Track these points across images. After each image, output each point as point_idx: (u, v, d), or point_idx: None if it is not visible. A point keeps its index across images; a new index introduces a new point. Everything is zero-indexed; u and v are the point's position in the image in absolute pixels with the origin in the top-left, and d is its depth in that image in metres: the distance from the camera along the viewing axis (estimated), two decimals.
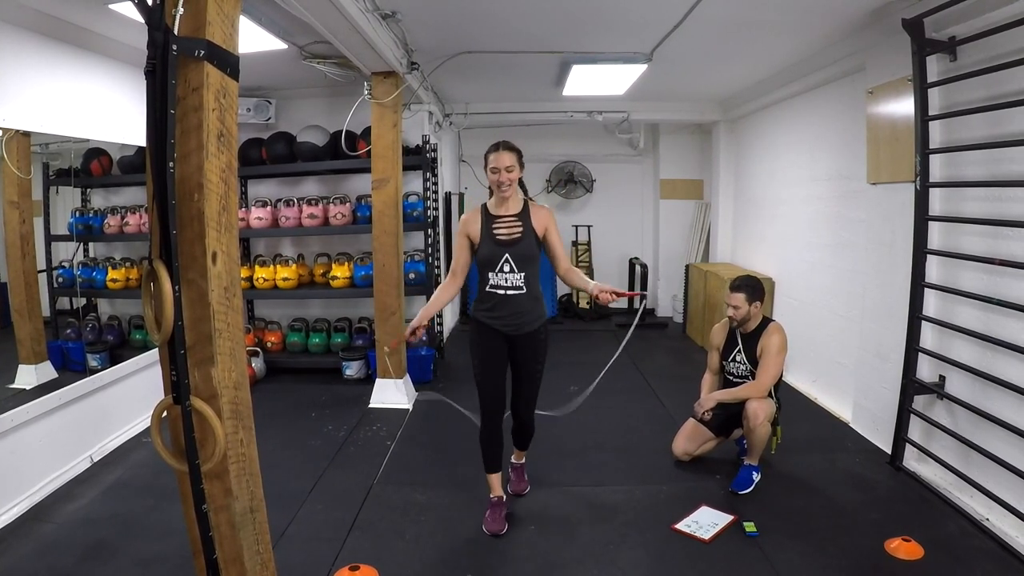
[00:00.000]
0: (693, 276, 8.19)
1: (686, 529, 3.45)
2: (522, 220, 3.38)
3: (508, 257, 3.33)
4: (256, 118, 6.38)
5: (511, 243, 3.35)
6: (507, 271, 3.35)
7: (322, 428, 4.98)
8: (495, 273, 3.36)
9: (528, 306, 3.40)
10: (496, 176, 3.33)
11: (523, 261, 3.35)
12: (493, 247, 3.35)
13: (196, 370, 1.86)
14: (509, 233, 3.36)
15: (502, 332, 3.42)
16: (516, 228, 3.37)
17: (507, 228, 3.37)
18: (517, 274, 3.34)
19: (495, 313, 3.39)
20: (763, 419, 3.81)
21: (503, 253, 3.33)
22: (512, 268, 3.34)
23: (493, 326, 3.41)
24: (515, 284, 3.35)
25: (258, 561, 2.09)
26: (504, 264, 3.34)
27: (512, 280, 3.35)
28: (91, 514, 3.66)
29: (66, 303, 5.39)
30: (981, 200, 3.60)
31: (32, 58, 3.80)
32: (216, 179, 1.84)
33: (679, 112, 8.22)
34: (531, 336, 3.45)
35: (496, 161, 3.32)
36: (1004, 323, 3.41)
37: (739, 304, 3.99)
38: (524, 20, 4.60)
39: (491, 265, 3.36)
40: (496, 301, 3.37)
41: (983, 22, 3.45)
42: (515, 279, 3.35)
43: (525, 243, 3.35)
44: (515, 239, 3.35)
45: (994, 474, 3.40)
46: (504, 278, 3.35)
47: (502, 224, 3.38)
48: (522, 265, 3.34)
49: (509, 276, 3.35)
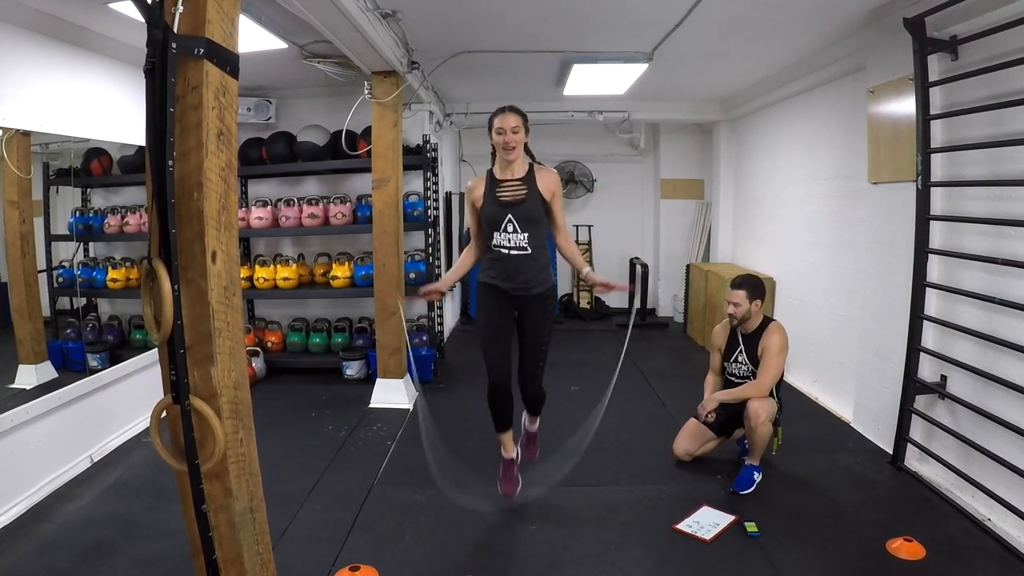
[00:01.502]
0: (694, 276, 8.18)
1: (687, 529, 3.44)
2: (527, 183, 3.39)
3: (511, 217, 3.34)
4: (256, 118, 6.37)
5: (514, 203, 3.36)
6: (511, 231, 3.35)
7: (322, 428, 4.98)
8: (499, 233, 3.37)
9: (533, 267, 3.40)
10: (501, 137, 3.32)
11: (527, 221, 3.35)
12: (496, 207, 3.37)
13: (196, 370, 1.86)
14: (513, 195, 3.37)
15: (509, 293, 3.43)
16: (520, 190, 3.38)
17: (511, 190, 3.38)
18: (521, 234, 3.35)
19: (500, 273, 3.41)
20: (764, 419, 3.80)
21: (506, 213, 3.35)
22: (516, 228, 3.34)
23: (499, 286, 3.42)
24: (519, 244, 3.36)
25: (258, 561, 2.09)
26: (507, 224, 3.35)
27: (516, 240, 3.36)
28: (91, 514, 3.66)
29: (66, 303, 5.39)
30: (983, 199, 3.59)
31: (32, 58, 3.80)
32: (216, 178, 1.83)
33: (680, 112, 8.22)
34: (538, 299, 3.46)
35: (502, 122, 3.32)
36: (1006, 323, 3.41)
37: (739, 301, 3.98)
38: (525, 19, 4.60)
39: (495, 225, 3.37)
40: (501, 260, 3.40)
41: (984, 21, 3.44)
42: (519, 239, 3.35)
43: (529, 204, 3.36)
44: (519, 199, 3.36)
45: (996, 474, 3.39)
46: (508, 238, 3.36)
47: (506, 187, 3.39)
48: (525, 225, 3.35)
49: (513, 236, 3.35)
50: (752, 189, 7.60)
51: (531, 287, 3.43)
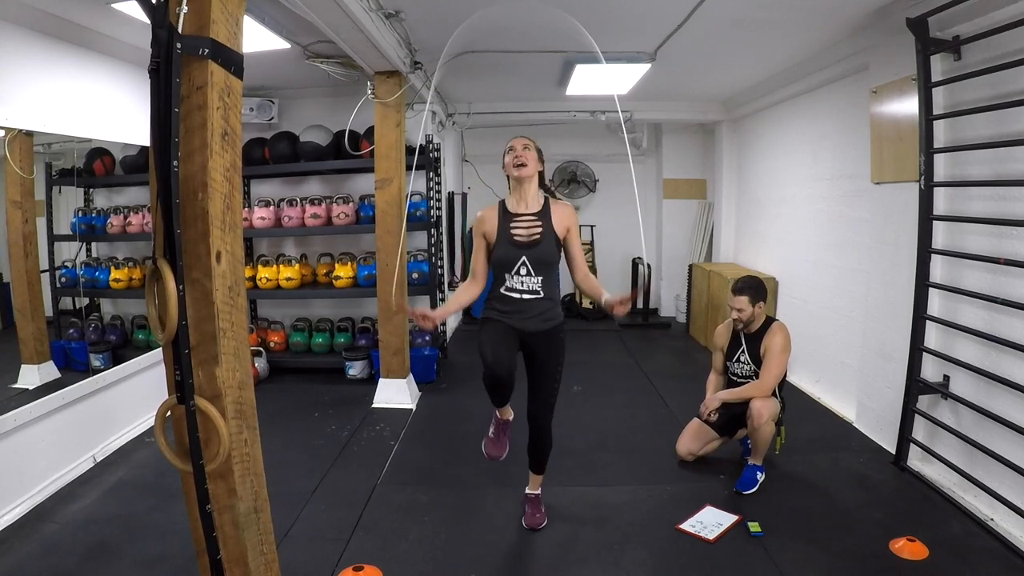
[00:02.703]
0: (696, 276, 8.17)
1: (690, 529, 3.44)
2: (542, 219, 3.17)
3: (525, 260, 3.13)
4: (259, 118, 6.37)
5: (529, 245, 3.13)
6: (523, 274, 3.14)
7: (325, 428, 4.98)
8: (511, 275, 3.15)
9: (544, 309, 3.20)
10: (512, 155, 3.16)
11: (541, 265, 3.14)
12: (509, 248, 3.14)
13: (200, 370, 1.86)
14: (528, 234, 3.15)
15: (516, 328, 3.18)
16: (535, 228, 3.15)
17: (526, 228, 3.16)
18: (534, 277, 3.14)
19: (509, 313, 3.18)
20: (767, 418, 3.80)
21: (520, 255, 3.13)
22: (529, 271, 3.13)
23: (505, 322, 3.18)
24: (531, 288, 3.15)
25: (262, 561, 2.09)
26: (520, 267, 3.13)
27: (528, 284, 3.15)
28: (94, 514, 3.66)
29: (69, 303, 5.39)
30: (985, 199, 3.59)
31: (35, 58, 3.81)
32: (220, 178, 1.83)
33: (682, 112, 8.21)
34: (547, 334, 3.24)
35: (513, 142, 3.20)
36: (1009, 323, 3.40)
37: (743, 307, 3.98)
38: (528, 19, 4.59)
39: (507, 267, 3.15)
40: (510, 304, 3.18)
41: (987, 21, 3.44)
42: (532, 283, 3.15)
43: (544, 245, 3.14)
44: (533, 240, 3.13)
45: (999, 474, 3.39)
46: (520, 281, 3.15)
47: (520, 223, 3.17)
48: (540, 268, 3.14)
49: (526, 280, 3.14)
50: (755, 189, 7.59)
51: (540, 324, 3.21)
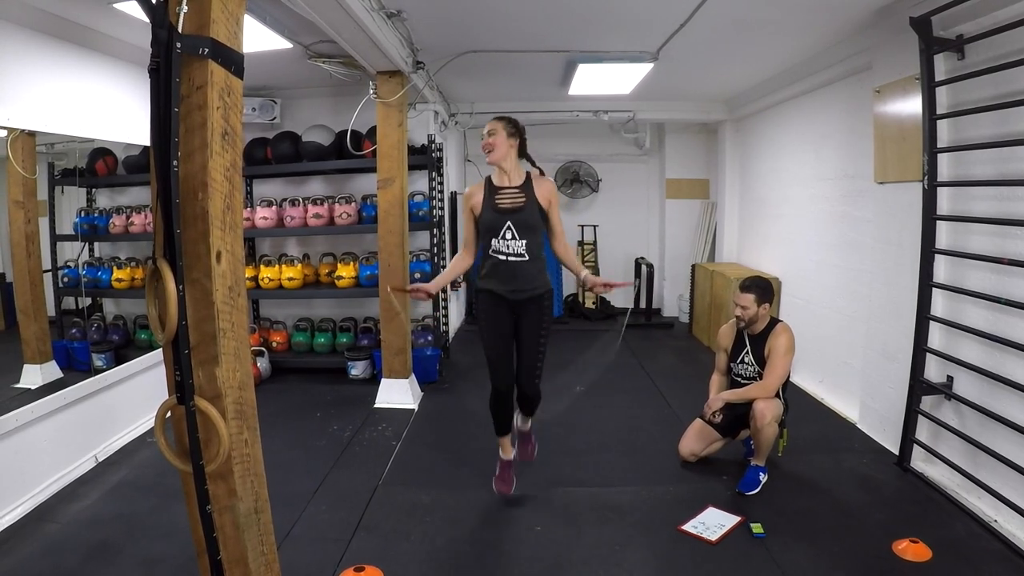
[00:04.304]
0: (699, 276, 8.16)
1: (693, 530, 3.43)
2: (524, 191, 3.48)
3: (510, 224, 3.42)
4: (261, 118, 6.38)
5: (513, 211, 3.44)
6: (509, 238, 3.43)
7: (327, 428, 4.98)
8: (497, 239, 3.44)
9: (531, 272, 3.47)
10: (482, 144, 3.51)
11: (525, 228, 3.43)
12: (495, 214, 3.45)
13: (200, 370, 1.86)
14: (512, 203, 3.45)
15: (506, 298, 3.50)
16: (519, 197, 3.46)
17: (510, 198, 3.47)
18: (519, 241, 3.43)
19: (498, 278, 3.49)
20: (770, 419, 3.79)
21: (505, 220, 3.43)
22: (514, 235, 3.42)
23: (496, 291, 3.50)
24: (517, 251, 3.44)
25: (262, 562, 2.09)
26: (506, 231, 3.43)
27: (514, 247, 3.43)
28: (95, 514, 3.66)
29: (71, 303, 5.40)
30: (989, 199, 3.57)
31: (36, 58, 3.81)
32: (220, 177, 1.83)
33: (685, 111, 8.20)
34: (535, 301, 3.51)
35: (485, 128, 3.50)
36: (1012, 323, 3.39)
37: (748, 304, 3.97)
38: (530, 19, 4.59)
39: (494, 231, 3.45)
40: (498, 266, 3.47)
41: (991, 20, 3.43)
42: (517, 246, 3.43)
43: (528, 211, 3.44)
44: (517, 207, 3.44)
45: (1002, 475, 3.38)
46: (506, 244, 3.44)
47: (505, 195, 3.48)
48: (524, 232, 3.43)
49: (511, 243, 3.43)
50: (757, 189, 7.58)
51: (529, 290, 3.50)
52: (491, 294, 3.54)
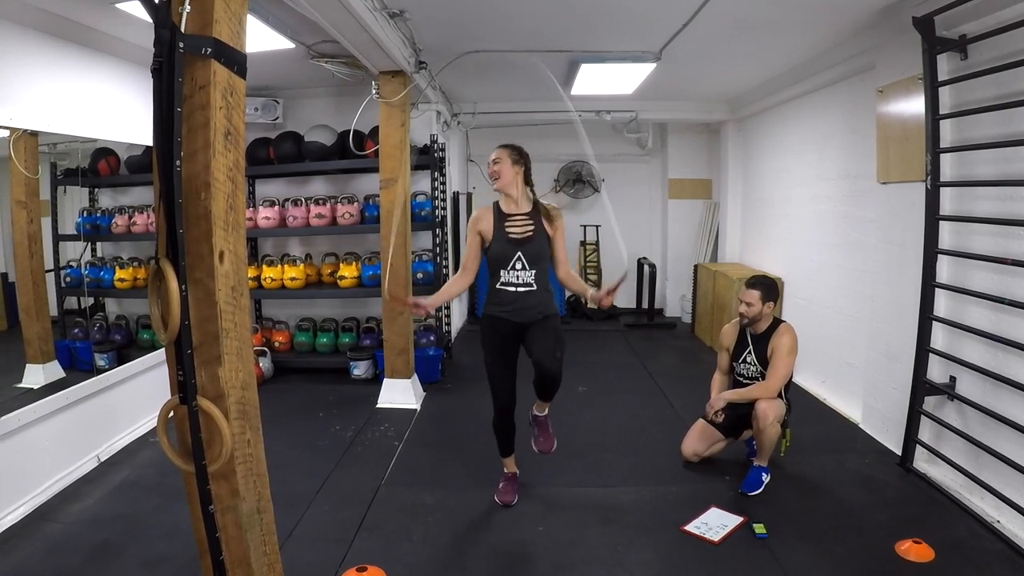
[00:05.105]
0: (701, 276, 8.16)
1: (695, 531, 3.43)
2: (533, 219, 3.48)
3: (520, 255, 3.42)
4: (263, 118, 6.38)
5: (524, 242, 3.43)
6: (519, 268, 3.43)
7: (329, 428, 4.98)
8: (507, 271, 3.44)
9: (538, 301, 3.48)
10: (488, 171, 3.52)
11: (535, 259, 3.43)
12: (506, 245, 3.43)
13: (203, 370, 1.86)
14: (522, 232, 3.44)
15: (512, 321, 3.48)
16: (528, 227, 3.45)
17: (520, 227, 3.45)
18: (528, 272, 3.43)
19: (507, 307, 3.47)
20: (772, 419, 3.78)
21: (516, 251, 3.42)
22: (524, 266, 3.42)
23: (503, 317, 3.49)
24: (526, 281, 3.44)
25: (265, 562, 2.09)
26: (516, 262, 3.42)
27: (523, 278, 3.43)
28: (98, 514, 3.67)
29: (74, 302, 5.39)
30: (992, 199, 3.57)
31: (39, 58, 3.81)
32: (223, 177, 1.83)
33: (687, 111, 8.20)
34: (540, 322, 3.50)
35: (491, 156, 3.51)
36: (1015, 324, 3.38)
37: (752, 301, 3.96)
38: (533, 19, 4.59)
39: (503, 263, 3.44)
40: (507, 298, 3.46)
41: (994, 20, 3.42)
42: (526, 276, 3.43)
43: (537, 242, 3.44)
44: (528, 237, 3.43)
45: (1005, 476, 3.37)
46: (516, 275, 3.44)
47: (514, 223, 3.46)
48: (534, 263, 3.43)
49: (521, 274, 3.43)
50: (760, 189, 7.57)
51: (536, 315, 3.49)
52: (496, 318, 3.52)
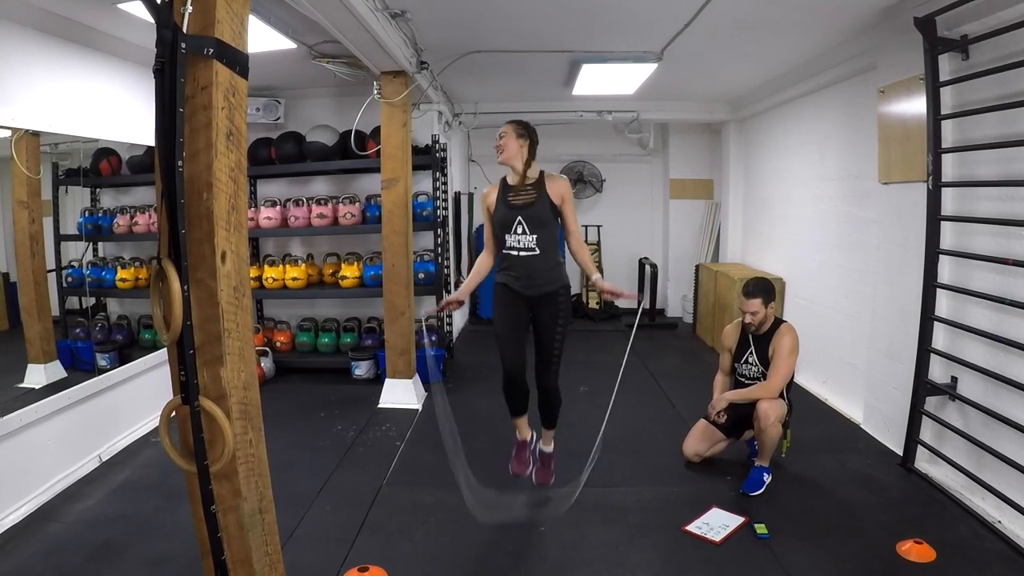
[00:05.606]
0: (703, 276, 8.15)
1: (696, 531, 3.43)
2: (536, 188, 3.55)
3: (521, 219, 3.50)
4: (265, 118, 6.38)
5: (524, 206, 3.51)
6: (520, 232, 3.51)
7: (331, 428, 4.98)
8: (510, 235, 3.53)
9: (543, 267, 3.53)
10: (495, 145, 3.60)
11: (535, 223, 3.50)
12: (507, 210, 3.53)
13: (205, 370, 1.86)
14: (524, 199, 3.53)
15: (521, 293, 3.56)
16: (530, 194, 3.53)
17: (522, 195, 3.54)
18: (529, 236, 3.50)
19: (512, 274, 3.56)
20: (774, 419, 3.78)
21: (516, 215, 3.50)
22: (525, 230, 3.50)
23: (512, 286, 3.57)
24: (527, 245, 3.51)
25: (267, 562, 2.08)
26: (517, 226, 3.51)
27: (525, 242, 3.51)
28: (99, 514, 3.67)
29: (75, 302, 5.40)
30: (994, 200, 3.56)
31: (41, 58, 3.81)
32: (225, 178, 1.83)
33: (689, 111, 8.20)
34: (549, 296, 3.58)
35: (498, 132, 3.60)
36: (1017, 324, 3.38)
37: (756, 310, 3.96)
38: (534, 19, 4.59)
39: (506, 227, 3.53)
40: (511, 262, 3.55)
41: (995, 20, 3.42)
42: (528, 240, 3.50)
43: (538, 207, 3.51)
44: (528, 203, 3.51)
45: (1006, 476, 3.37)
46: (518, 239, 3.51)
47: (517, 192, 3.56)
48: (534, 227, 3.49)
49: (522, 238, 3.51)
50: (761, 189, 7.57)
51: (541, 286, 3.55)
52: (505, 287, 3.60)
